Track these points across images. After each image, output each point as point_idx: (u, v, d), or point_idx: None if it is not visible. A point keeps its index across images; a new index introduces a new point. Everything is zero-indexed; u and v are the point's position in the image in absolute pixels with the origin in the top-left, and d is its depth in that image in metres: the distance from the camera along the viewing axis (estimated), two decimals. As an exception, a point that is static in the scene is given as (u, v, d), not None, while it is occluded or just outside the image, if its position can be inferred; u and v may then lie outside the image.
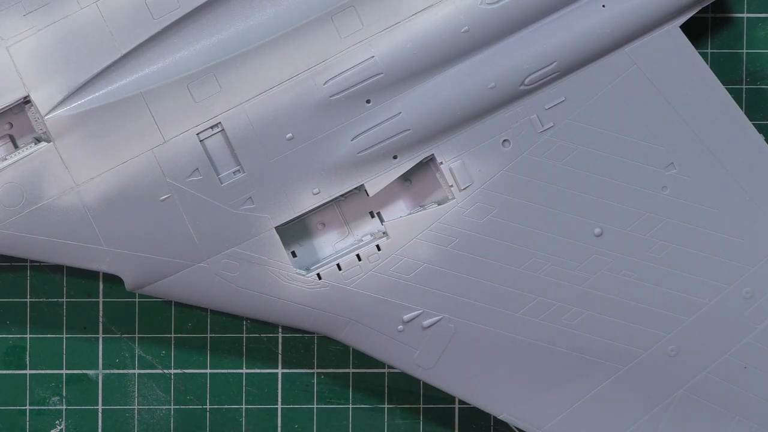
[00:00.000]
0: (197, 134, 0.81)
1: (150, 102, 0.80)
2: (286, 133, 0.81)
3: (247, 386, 0.91)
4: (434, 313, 0.84)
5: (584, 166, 0.83)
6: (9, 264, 0.89)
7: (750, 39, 0.90)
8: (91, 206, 0.81)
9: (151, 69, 0.80)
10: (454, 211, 0.83)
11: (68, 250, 0.81)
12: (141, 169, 0.81)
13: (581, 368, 0.85)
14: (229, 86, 0.80)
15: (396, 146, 0.82)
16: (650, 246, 0.84)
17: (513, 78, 0.82)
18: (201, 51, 0.80)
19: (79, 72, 0.80)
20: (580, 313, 0.84)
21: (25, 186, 0.80)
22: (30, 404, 0.90)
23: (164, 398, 0.91)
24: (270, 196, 0.82)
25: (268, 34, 0.80)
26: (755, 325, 0.85)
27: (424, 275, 0.84)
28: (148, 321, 0.90)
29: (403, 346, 0.85)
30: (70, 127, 0.80)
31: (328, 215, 0.86)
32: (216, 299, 0.83)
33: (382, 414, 0.91)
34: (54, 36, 0.79)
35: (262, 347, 0.91)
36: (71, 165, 0.80)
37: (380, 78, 0.81)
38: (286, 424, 0.91)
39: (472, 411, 0.90)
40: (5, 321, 0.90)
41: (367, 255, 0.83)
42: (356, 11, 0.81)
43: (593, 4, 0.82)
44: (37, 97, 0.80)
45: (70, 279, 0.90)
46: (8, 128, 0.83)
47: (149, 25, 0.80)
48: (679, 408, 0.86)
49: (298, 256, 0.86)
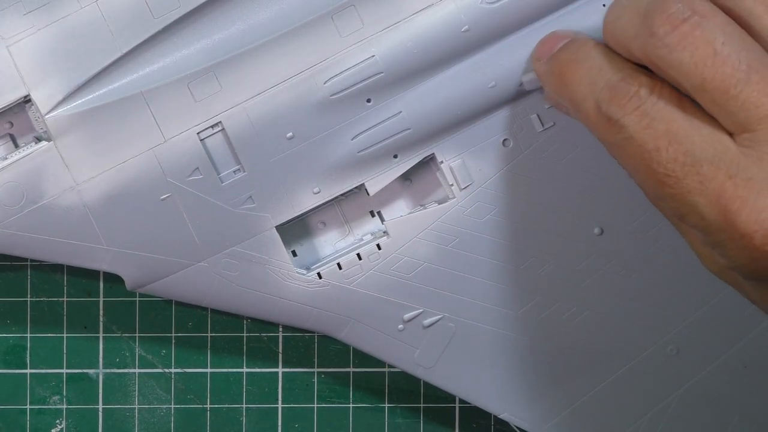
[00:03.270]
0: (198, 133, 0.81)
1: (150, 101, 0.80)
2: (287, 133, 0.81)
3: (248, 385, 0.91)
4: (435, 312, 0.84)
5: (584, 165, 0.83)
6: (9, 263, 0.89)
7: (750, 38, 0.90)
8: (92, 205, 0.81)
9: (151, 68, 0.80)
10: (454, 210, 0.83)
11: (68, 249, 0.81)
12: (141, 169, 0.81)
13: (581, 368, 0.85)
14: (229, 85, 0.80)
15: (396, 145, 0.82)
16: (650, 246, 0.84)
17: (513, 77, 0.82)
18: (201, 50, 0.80)
19: (79, 71, 0.80)
20: (580, 313, 0.84)
21: (26, 185, 0.81)
22: (30, 403, 0.90)
23: (165, 397, 0.91)
24: (270, 195, 0.82)
25: (269, 33, 0.80)
26: (755, 324, 0.85)
27: (425, 274, 0.84)
28: (148, 320, 0.90)
29: (404, 346, 0.85)
30: (70, 126, 0.80)
31: (329, 214, 0.86)
32: (216, 298, 0.83)
33: (382, 413, 0.91)
34: (54, 35, 0.79)
35: (262, 346, 0.91)
36: (71, 164, 0.80)
37: (380, 77, 0.81)
38: (287, 423, 0.91)
39: (472, 410, 0.91)
40: (6, 320, 0.90)
41: (367, 254, 0.83)
42: (356, 11, 0.81)
43: (593, 4, 0.82)
44: (37, 96, 0.80)
45: (71, 278, 0.90)
46: (9, 127, 0.83)
47: (149, 25, 0.80)
48: (679, 408, 0.86)
49: (299, 256, 0.86)
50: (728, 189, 0.63)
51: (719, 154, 0.64)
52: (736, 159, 0.63)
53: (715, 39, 0.64)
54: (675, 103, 0.66)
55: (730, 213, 0.63)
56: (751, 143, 0.63)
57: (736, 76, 0.63)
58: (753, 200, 0.62)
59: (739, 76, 0.63)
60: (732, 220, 0.63)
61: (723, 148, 0.64)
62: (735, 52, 0.64)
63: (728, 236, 0.63)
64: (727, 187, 0.63)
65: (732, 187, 0.63)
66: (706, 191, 0.63)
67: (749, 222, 0.62)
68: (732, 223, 0.63)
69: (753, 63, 0.64)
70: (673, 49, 0.65)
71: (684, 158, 0.64)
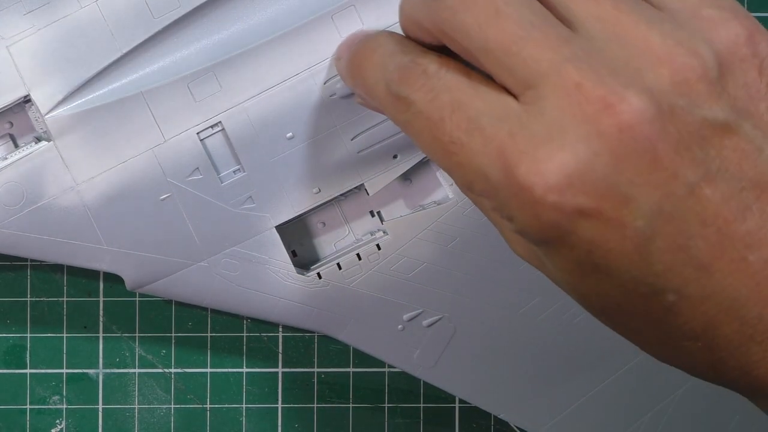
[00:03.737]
0: (197, 133, 0.81)
1: (150, 101, 0.80)
2: (287, 133, 0.81)
3: (248, 385, 0.91)
4: (434, 312, 0.84)
5: (584, 165, 0.83)
6: (9, 263, 0.89)
7: (750, 39, 0.90)
8: (92, 205, 0.81)
9: (151, 68, 0.80)
10: (454, 211, 0.83)
11: (69, 249, 0.81)
12: (141, 169, 0.81)
13: (581, 368, 0.85)
14: (229, 85, 0.80)
15: (396, 145, 0.82)
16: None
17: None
18: (201, 50, 0.80)
19: (79, 71, 0.80)
20: (580, 313, 0.84)
21: (26, 185, 0.81)
22: (30, 403, 0.90)
23: (164, 397, 0.91)
24: (270, 195, 0.82)
25: (269, 33, 0.80)
26: (755, 324, 0.85)
27: (425, 274, 0.84)
28: (148, 320, 0.90)
29: (404, 346, 0.85)
30: (70, 126, 0.80)
31: (329, 214, 0.86)
32: (216, 298, 0.83)
33: (382, 413, 0.91)
34: (54, 35, 0.79)
35: (262, 346, 0.91)
36: (71, 164, 0.80)
37: (380, 77, 0.81)
38: (286, 423, 0.91)
39: (472, 410, 0.91)
40: (6, 320, 0.90)
41: (367, 254, 0.83)
42: (356, 11, 0.81)
43: (593, 3, 0.82)
44: (37, 96, 0.80)
45: (71, 278, 0.90)
46: (9, 127, 0.83)
47: (150, 25, 0.80)
48: (679, 408, 0.86)
49: (299, 256, 0.86)
50: (508, 145, 0.63)
51: (502, 115, 0.64)
52: (519, 117, 0.64)
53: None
54: (461, 75, 0.66)
55: (511, 167, 0.63)
56: (534, 99, 0.63)
57: (518, 33, 0.64)
58: (532, 153, 0.62)
59: (521, 34, 0.63)
60: (513, 174, 0.63)
61: (506, 108, 0.64)
62: (516, 11, 0.64)
63: (510, 193, 0.63)
64: (507, 144, 0.63)
65: (512, 143, 0.63)
66: (488, 151, 0.64)
67: (529, 174, 0.62)
68: (513, 177, 0.63)
69: (536, 21, 0.64)
70: (456, 11, 0.65)
71: (467, 124, 0.65)
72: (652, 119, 0.62)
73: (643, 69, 0.63)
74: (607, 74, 0.62)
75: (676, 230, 0.63)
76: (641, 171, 0.62)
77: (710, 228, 0.63)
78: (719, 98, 0.63)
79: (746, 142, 0.64)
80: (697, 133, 0.63)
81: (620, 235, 0.63)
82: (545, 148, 0.62)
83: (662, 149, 0.62)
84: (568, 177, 0.62)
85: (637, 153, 0.62)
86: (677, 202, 0.63)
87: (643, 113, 0.62)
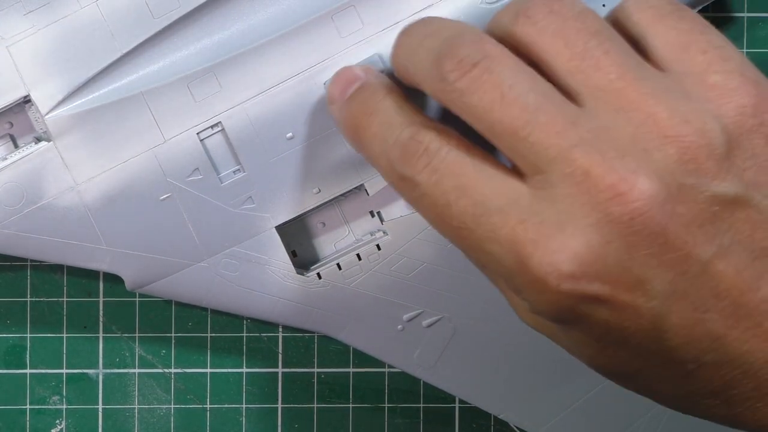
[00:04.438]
0: (197, 133, 0.81)
1: (150, 101, 0.80)
2: (287, 133, 0.81)
3: (248, 386, 0.91)
4: (434, 312, 0.84)
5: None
6: (9, 264, 0.89)
7: (750, 38, 0.90)
8: (92, 206, 0.81)
9: (151, 68, 0.80)
10: (454, 211, 0.83)
11: (68, 249, 0.81)
12: (141, 169, 0.81)
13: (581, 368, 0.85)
14: (229, 85, 0.80)
15: (396, 146, 0.82)
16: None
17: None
18: (201, 50, 0.80)
19: (79, 71, 0.80)
20: (580, 313, 0.84)
21: (26, 185, 0.80)
22: (30, 404, 0.90)
23: (164, 398, 0.91)
24: (270, 195, 0.82)
25: (269, 33, 0.80)
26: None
27: (424, 275, 0.84)
28: (148, 320, 0.90)
29: (404, 346, 0.85)
30: (70, 126, 0.80)
31: (329, 214, 0.86)
32: (216, 298, 0.83)
33: (382, 413, 0.91)
34: (54, 35, 0.79)
35: (262, 347, 0.91)
36: (71, 164, 0.80)
37: (380, 77, 0.81)
38: (286, 423, 0.91)
39: (472, 410, 0.91)
40: (5, 320, 0.90)
41: (367, 254, 0.83)
42: (356, 11, 0.81)
43: (592, 3, 0.82)
44: (37, 96, 0.80)
45: (70, 278, 0.90)
46: (8, 128, 0.83)
47: (149, 25, 0.80)
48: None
49: (299, 256, 0.86)
50: (519, 234, 0.62)
51: (510, 201, 0.63)
52: (528, 203, 0.63)
53: (503, 82, 0.63)
54: (465, 155, 0.65)
55: (524, 257, 0.62)
56: (543, 185, 0.63)
57: (524, 118, 0.63)
58: (544, 243, 0.62)
59: (527, 118, 0.63)
60: (526, 264, 0.62)
61: (514, 194, 0.64)
62: (523, 95, 0.63)
63: (525, 281, 0.63)
64: (518, 232, 0.63)
65: (523, 232, 0.62)
66: (498, 239, 0.63)
67: (542, 264, 0.62)
68: (526, 267, 0.62)
69: (542, 104, 0.63)
70: (463, 94, 0.64)
71: (474, 209, 0.64)
72: (662, 203, 0.61)
73: (651, 149, 0.62)
74: (615, 157, 0.62)
75: (691, 306, 0.63)
76: (654, 254, 0.62)
77: (725, 301, 0.63)
78: (728, 173, 0.63)
79: (757, 212, 0.63)
80: (708, 210, 0.62)
81: (635, 315, 0.63)
82: (557, 237, 0.62)
83: (673, 231, 0.62)
84: (581, 265, 0.62)
85: (649, 237, 0.61)
86: (691, 279, 0.63)
87: (654, 198, 0.61)
